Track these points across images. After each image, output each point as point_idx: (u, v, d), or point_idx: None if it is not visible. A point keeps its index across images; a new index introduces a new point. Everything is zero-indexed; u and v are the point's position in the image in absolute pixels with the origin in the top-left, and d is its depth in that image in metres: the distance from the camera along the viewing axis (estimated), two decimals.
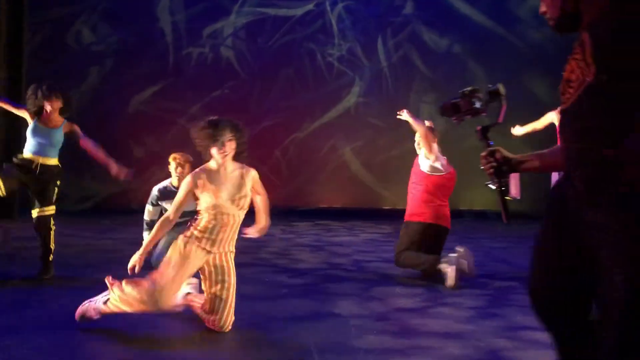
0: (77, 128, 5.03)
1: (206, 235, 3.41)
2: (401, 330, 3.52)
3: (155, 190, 5.51)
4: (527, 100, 9.97)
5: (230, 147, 3.43)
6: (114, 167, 5.02)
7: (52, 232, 4.85)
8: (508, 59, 10.02)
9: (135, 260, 3.35)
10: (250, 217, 3.62)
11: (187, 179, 3.49)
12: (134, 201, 10.00)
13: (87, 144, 5.05)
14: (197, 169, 3.54)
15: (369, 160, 10.00)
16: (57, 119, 4.93)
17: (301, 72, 10.37)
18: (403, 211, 5.25)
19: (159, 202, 5.45)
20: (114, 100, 10.46)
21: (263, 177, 3.69)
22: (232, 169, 3.50)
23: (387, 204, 9.94)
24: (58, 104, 4.89)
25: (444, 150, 5.26)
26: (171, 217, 3.44)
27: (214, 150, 3.44)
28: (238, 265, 5.47)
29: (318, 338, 3.39)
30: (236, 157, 3.52)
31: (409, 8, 10.33)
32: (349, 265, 5.65)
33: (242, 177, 3.51)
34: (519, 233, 8.07)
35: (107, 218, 8.95)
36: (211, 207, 3.41)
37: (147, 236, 5.38)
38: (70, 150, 5.29)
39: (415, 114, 11.32)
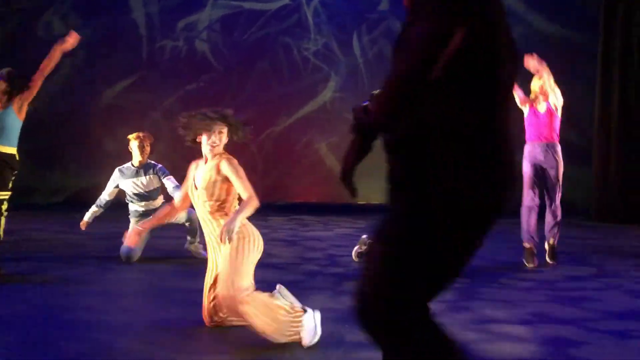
0: (27, 92, 4.65)
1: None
2: None
3: (116, 171, 5.49)
4: None
5: (219, 139, 3.36)
6: (64, 42, 4.76)
7: (3, 219, 4.58)
8: None
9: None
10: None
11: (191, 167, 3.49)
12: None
13: (40, 70, 4.67)
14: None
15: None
16: (4, 100, 4.60)
17: (277, 66, 10.34)
18: (377, 206, 5.27)
19: (119, 183, 5.43)
20: (86, 92, 10.30)
21: None
22: (212, 160, 3.40)
23: (362, 199, 10.00)
24: (2, 86, 4.58)
25: None
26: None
27: (203, 139, 3.36)
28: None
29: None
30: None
31: (384, 4, 10.36)
32: (323, 260, 5.67)
33: (213, 168, 3.39)
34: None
35: (78, 212, 8.81)
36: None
37: (90, 211, 5.41)
38: (40, 143, 5.19)
39: None
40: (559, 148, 5.39)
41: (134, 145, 5.45)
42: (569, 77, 9.93)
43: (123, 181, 5.50)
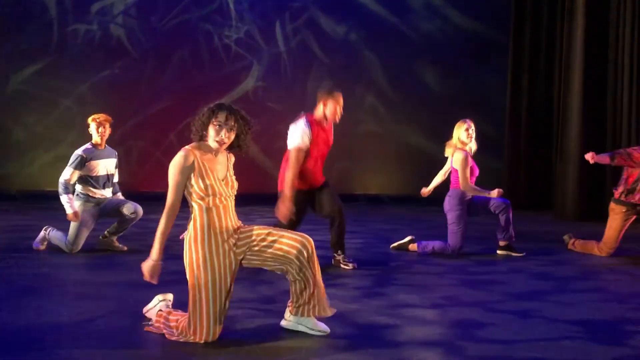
0: None
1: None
2: None
3: (79, 151, 5.23)
4: (418, 87, 10.36)
5: (228, 136, 3.06)
6: None
7: None
8: (401, 47, 10.33)
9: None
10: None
11: (178, 158, 3.03)
12: (14, 186, 9.33)
13: None
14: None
15: (267, 146, 9.94)
16: None
17: (197, 54, 10.09)
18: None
19: (85, 164, 5.18)
20: None
21: (157, 163, 3.52)
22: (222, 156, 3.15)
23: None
24: None
25: (337, 135, 5.34)
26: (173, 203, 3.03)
27: (211, 133, 3.05)
28: (126, 252, 5.31)
29: None
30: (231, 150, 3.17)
31: None
32: None
33: (227, 160, 3.17)
34: (409, 216, 8.42)
35: None
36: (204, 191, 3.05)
37: (64, 199, 5.09)
38: None
39: (313, 101, 11.44)
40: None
41: (92, 128, 5.33)
42: (483, 70, 10.35)
43: (90, 162, 5.22)
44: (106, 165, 5.37)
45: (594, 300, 4.00)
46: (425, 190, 5.70)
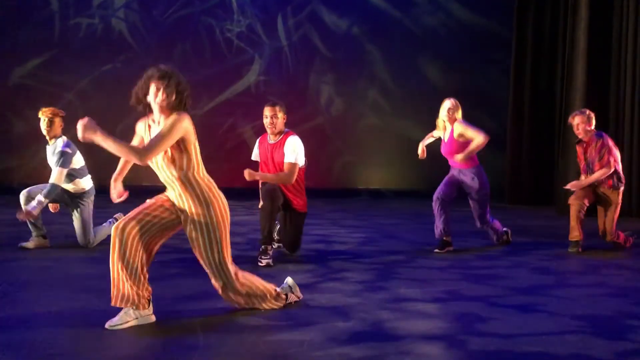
0: None
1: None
2: (289, 306, 3.55)
3: (65, 149, 5.14)
4: (421, 82, 10.33)
5: (158, 96, 3.07)
6: None
7: None
8: (403, 42, 10.30)
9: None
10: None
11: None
12: (16, 180, 9.34)
13: None
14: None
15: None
16: None
17: (199, 48, 10.08)
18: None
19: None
20: None
21: None
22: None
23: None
24: None
25: (340, 129, 5.32)
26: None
27: (150, 97, 3.12)
28: None
29: (205, 317, 3.35)
30: (172, 109, 3.12)
31: None
32: (244, 244, 5.63)
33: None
34: (412, 210, 8.41)
35: None
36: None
37: (43, 202, 4.99)
38: None
39: (316, 95, 11.41)
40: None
41: (42, 123, 5.18)
42: (486, 65, 10.32)
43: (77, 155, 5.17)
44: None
45: (596, 294, 3.99)
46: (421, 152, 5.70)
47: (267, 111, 4.84)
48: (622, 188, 5.44)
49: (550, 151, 9.52)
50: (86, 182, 5.32)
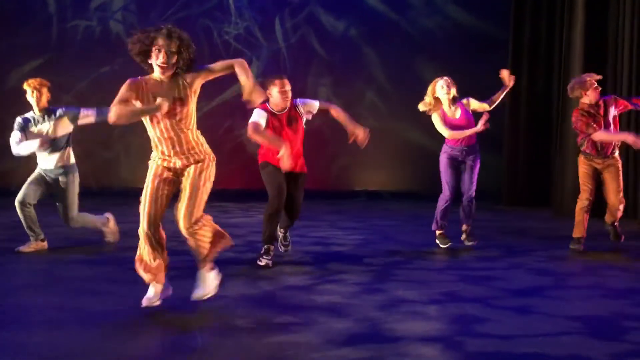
0: None
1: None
2: (287, 308, 3.57)
3: (18, 118, 5.17)
4: (417, 84, 10.34)
5: (167, 58, 3.22)
6: None
7: None
8: (400, 44, 10.32)
9: None
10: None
11: (126, 83, 3.29)
12: (14, 182, 9.32)
13: None
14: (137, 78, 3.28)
15: None
16: None
17: (197, 50, 10.04)
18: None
19: (24, 130, 5.07)
20: None
21: None
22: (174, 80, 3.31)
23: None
24: None
25: (337, 130, 5.35)
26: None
27: (152, 61, 3.23)
28: (123, 248, 5.32)
29: (203, 319, 3.36)
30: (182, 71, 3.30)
31: None
32: (241, 246, 5.64)
33: (177, 82, 3.33)
34: (409, 212, 8.42)
35: None
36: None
37: (25, 145, 5.02)
38: None
39: (314, 96, 11.44)
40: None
41: (28, 94, 5.15)
42: (482, 66, 10.34)
43: (28, 130, 5.12)
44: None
45: (593, 296, 4.01)
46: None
47: (283, 84, 4.79)
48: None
49: (547, 153, 9.54)
50: (73, 155, 5.27)
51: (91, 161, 9.78)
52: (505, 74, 5.70)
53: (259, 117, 4.73)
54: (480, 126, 5.36)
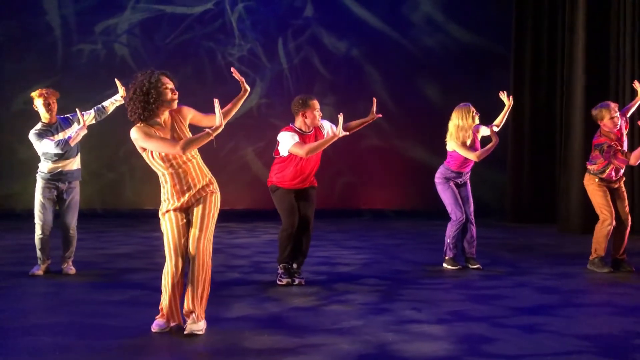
0: None
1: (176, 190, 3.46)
2: (294, 329, 3.55)
3: (34, 130, 5.09)
4: (420, 102, 10.41)
5: (169, 94, 3.43)
6: None
7: None
8: (402, 63, 10.40)
9: None
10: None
11: (137, 130, 3.38)
12: (18, 205, 9.37)
13: None
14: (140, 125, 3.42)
15: (270, 161, 9.97)
16: None
17: (200, 72, 10.18)
18: None
19: (44, 138, 5.03)
20: None
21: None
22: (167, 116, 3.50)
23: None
24: None
25: (341, 149, 5.37)
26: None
27: (168, 96, 3.42)
28: (129, 270, 5.33)
29: (210, 341, 3.35)
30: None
31: (308, 11, 10.44)
32: (247, 267, 5.63)
33: (174, 121, 3.51)
34: (414, 230, 8.41)
35: None
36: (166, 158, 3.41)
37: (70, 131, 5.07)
38: None
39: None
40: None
41: (39, 103, 5.11)
42: (485, 83, 10.39)
43: (46, 138, 5.04)
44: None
45: (601, 314, 3.98)
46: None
47: (317, 105, 4.86)
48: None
49: (551, 168, 9.54)
50: (43, 166, 5.21)
51: (96, 182, 9.83)
52: (503, 95, 5.72)
53: (292, 138, 4.73)
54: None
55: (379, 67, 10.42)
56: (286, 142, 4.77)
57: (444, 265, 5.50)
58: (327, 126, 5.01)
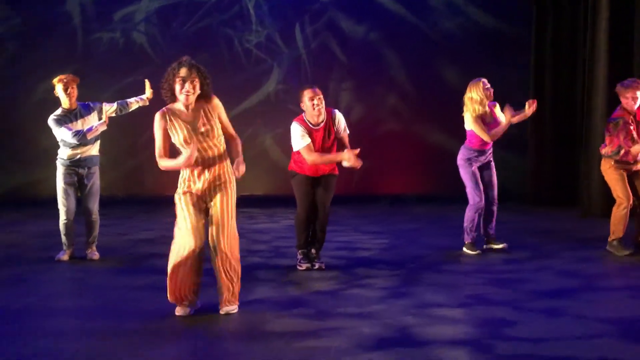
0: None
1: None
2: (315, 313, 3.58)
3: (53, 116, 5.18)
4: (439, 86, 10.31)
5: (193, 87, 3.47)
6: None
7: None
8: (421, 46, 10.30)
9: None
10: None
11: (157, 117, 3.52)
12: (42, 192, 9.52)
13: None
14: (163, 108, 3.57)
15: (289, 148, 9.98)
16: None
17: (218, 59, 10.19)
18: None
19: (62, 125, 5.11)
20: (18, 86, 9.88)
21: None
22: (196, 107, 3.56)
23: None
24: None
25: (359, 135, 5.36)
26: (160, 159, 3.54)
27: (177, 89, 3.47)
28: (151, 255, 5.40)
29: (232, 325, 3.40)
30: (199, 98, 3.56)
31: None
32: (267, 252, 5.68)
33: (203, 109, 3.56)
34: (433, 215, 8.39)
35: (13, 211, 8.49)
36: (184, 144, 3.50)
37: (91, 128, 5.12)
38: None
39: (335, 101, 11.45)
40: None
41: (59, 89, 5.18)
42: (505, 67, 10.26)
43: (64, 125, 5.13)
44: None
45: (624, 297, 3.95)
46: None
47: (314, 95, 4.73)
48: None
49: (572, 152, 9.41)
50: (62, 152, 5.29)
51: (118, 169, 9.95)
52: (528, 105, 5.59)
53: (303, 139, 4.72)
54: (528, 109, 5.47)
55: (397, 51, 10.34)
56: (297, 140, 4.77)
57: (464, 249, 5.49)
58: (340, 121, 4.88)
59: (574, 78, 9.42)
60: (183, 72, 3.48)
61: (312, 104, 4.72)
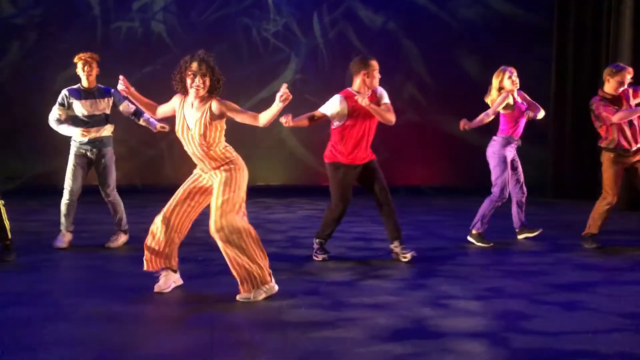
0: None
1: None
2: (331, 304, 3.59)
3: (64, 90, 5.26)
4: (458, 76, 10.20)
5: (203, 82, 3.54)
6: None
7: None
8: (440, 36, 10.19)
9: None
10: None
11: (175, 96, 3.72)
12: (62, 181, 9.61)
13: None
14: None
15: (306, 138, 9.99)
16: None
17: (236, 48, 10.19)
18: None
19: (69, 102, 5.18)
20: (38, 76, 9.97)
21: None
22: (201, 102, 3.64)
23: (324, 180, 10.00)
24: None
25: (377, 126, 5.33)
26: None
27: (187, 82, 3.55)
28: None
29: (248, 315, 3.41)
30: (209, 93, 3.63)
31: None
32: (283, 242, 5.69)
33: (205, 112, 3.63)
34: (451, 206, 8.33)
35: (34, 199, 8.60)
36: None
37: (64, 128, 5.26)
38: None
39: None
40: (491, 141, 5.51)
41: (79, 67, 5.26)
42: (525, 57, 10.12)
43: (73, 102, 5.22)
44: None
45: None
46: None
47: (377, 65, 4.86)
48: None
49: (593, 145, 9.24)
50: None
51: (136, 159, 10.02)
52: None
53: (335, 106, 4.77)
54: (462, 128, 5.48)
55: (416, 41, 10.24)
56: (332, 105, 4.72)
57: (468, 237, 5.43)
58: (383, 93, 4.96)
59: (596, 69, 9.24)
60: (194, 66, 3.53)
61: (378, 75, 4.90)
